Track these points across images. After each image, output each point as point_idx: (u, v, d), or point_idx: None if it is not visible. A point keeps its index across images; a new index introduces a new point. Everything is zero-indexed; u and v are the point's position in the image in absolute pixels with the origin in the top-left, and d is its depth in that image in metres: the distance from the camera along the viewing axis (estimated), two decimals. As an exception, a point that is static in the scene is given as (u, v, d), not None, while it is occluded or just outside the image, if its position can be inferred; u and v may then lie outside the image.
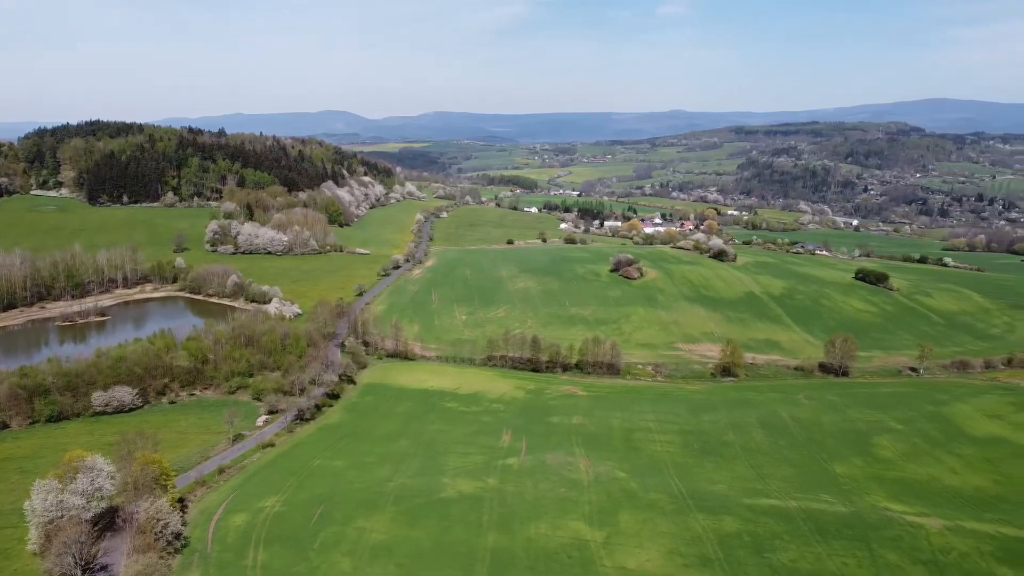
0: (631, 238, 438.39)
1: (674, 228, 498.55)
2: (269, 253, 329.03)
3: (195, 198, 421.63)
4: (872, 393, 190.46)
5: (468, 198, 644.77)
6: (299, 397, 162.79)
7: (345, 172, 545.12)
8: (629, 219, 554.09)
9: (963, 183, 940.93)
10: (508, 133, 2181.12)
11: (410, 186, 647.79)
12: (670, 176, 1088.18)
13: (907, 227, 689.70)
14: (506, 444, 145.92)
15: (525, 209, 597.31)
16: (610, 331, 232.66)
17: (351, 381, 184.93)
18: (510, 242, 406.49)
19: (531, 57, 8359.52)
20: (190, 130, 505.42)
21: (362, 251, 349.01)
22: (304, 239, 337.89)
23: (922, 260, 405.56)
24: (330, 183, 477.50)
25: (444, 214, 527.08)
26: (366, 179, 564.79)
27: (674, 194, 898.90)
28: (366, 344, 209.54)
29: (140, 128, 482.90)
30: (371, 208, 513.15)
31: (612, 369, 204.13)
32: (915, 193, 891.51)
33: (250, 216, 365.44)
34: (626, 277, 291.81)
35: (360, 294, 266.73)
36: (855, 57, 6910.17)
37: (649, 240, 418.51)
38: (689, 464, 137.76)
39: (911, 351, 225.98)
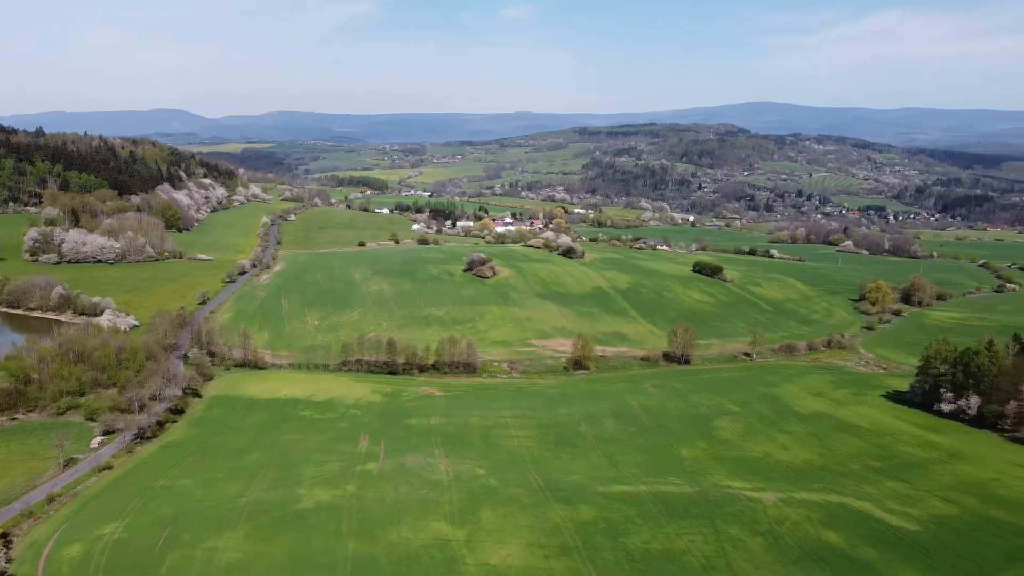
0: (483, 237, 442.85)
1: (525, 227, 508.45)
2: (100, 262, 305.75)
3: (10, 203, 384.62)
4: (712, 379, 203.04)
5: (317, 200, 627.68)
6: (139, 415, 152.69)
7: (183, 174, 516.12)
8: (481, 219, 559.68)
9: (785, 180, 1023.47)
10: (357, 133, 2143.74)
11: (255, 188, 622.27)
12: (519, 176, 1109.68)
13: (737, 222, 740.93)
14: (364, 449, 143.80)
15: (376, 210, 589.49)
16: (466, 330, 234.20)
17: (196, 395, 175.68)
18: (362, 244, 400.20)
19: (379, 57, 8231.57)
20: (1, 129, 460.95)
21: (204, 257, 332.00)
22: (139, 246, 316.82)
23: (751, 252, 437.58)
24: (166, 186, 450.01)
25: (292, 217, 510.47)
26: (206, 181, 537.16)
27: (524, 193, 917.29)
28: (212, 355, 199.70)
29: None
30: (213, 212, 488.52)
31: (469, 368, 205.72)
32: (743, 190, 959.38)
33: (76, 222, 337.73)
34: (480, 276, 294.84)
35: (204, 302, 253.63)
36: (687, 62, 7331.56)
37: (501, 239, 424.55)
38: (546, 457, 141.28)
39: (745, 337, 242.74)
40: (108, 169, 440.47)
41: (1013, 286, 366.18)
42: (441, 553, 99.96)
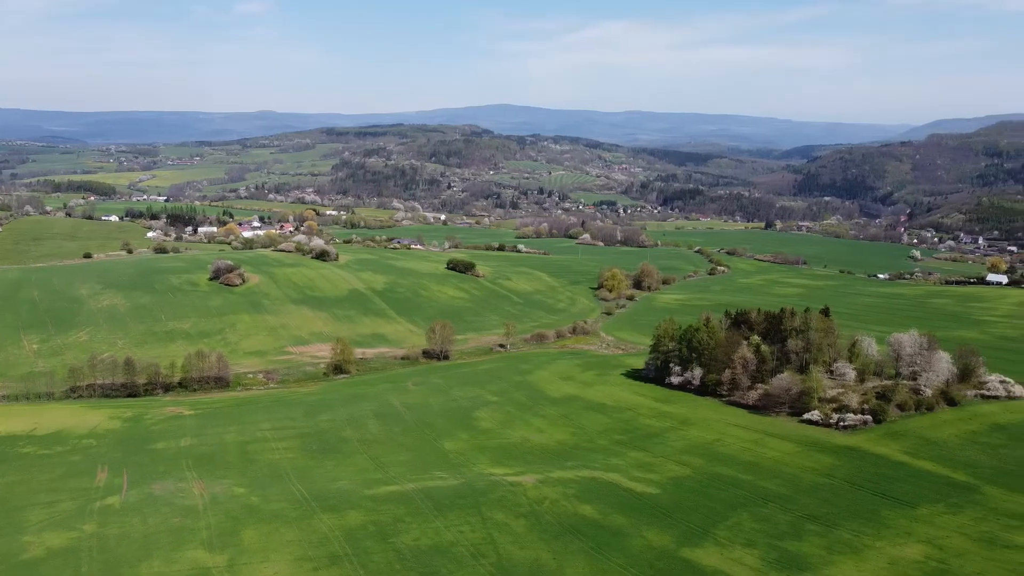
0: (230, 243, 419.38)
1: (274, 231, 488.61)
2: None
3: None
4: (470, 372, 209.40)
5: (29, 208, 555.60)
6: None
7: None
8: (226, 223, 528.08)
9: (527, 178, 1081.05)
10: (75, 133, 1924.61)
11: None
12: (265, 178, 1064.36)
13: (486, 219, 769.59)
14: (103, 482, 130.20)
15: (103, 218, 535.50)
16: (215, 343, 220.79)
17: None
18: (88, 255, 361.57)
19: (99, 48, 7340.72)
20: None
21: None
22: None
23: (501, 248, 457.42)
24: None
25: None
26: None
27: (271, 196, 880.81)
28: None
29: None
30: None
31: (221, 382, 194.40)
32: (490, 188, 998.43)
33: None
34: (227, 284, 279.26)
35: None
36: (432, 64, 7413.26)
37: (249, 244, 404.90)
38: (310, 467, 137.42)
39: (499, 330, 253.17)
40: None
41: (723, 268, 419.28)
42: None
